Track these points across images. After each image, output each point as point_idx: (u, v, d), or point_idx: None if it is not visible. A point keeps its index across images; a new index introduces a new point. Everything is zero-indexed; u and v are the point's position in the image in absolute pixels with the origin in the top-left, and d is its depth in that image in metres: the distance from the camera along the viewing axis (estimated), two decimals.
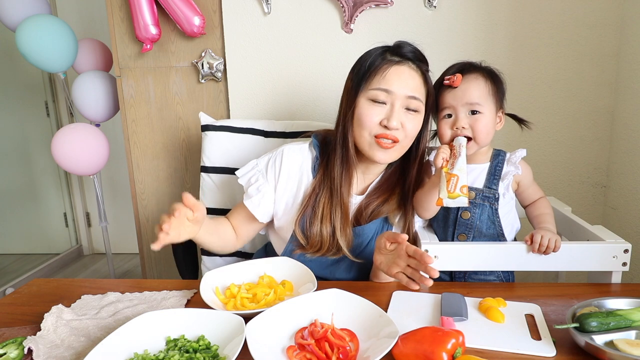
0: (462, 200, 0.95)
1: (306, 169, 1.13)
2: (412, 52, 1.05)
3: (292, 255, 1.11)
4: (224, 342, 0.78)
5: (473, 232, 1.11)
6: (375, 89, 1.02)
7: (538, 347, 0.78)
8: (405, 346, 0.73)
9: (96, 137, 1.97)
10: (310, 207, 1.10)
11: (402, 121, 1.02)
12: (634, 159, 1.47)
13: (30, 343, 0.79)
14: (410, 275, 0.93)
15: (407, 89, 1.01)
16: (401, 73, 1.02)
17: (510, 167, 1.10)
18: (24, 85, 3.14)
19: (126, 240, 3.22)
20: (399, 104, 1.01)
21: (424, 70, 1.06)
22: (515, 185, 1.13)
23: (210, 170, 1.50)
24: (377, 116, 1.02)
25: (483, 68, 1.10)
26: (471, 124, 1.06)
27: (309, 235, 1.09)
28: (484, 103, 1.06)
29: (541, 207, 1.13)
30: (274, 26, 1.64)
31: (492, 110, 1.08)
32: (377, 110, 1.02)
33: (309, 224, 1.09)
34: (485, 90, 1.07)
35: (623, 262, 1.00)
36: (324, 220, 1.08)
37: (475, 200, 1.10)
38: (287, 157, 1.14)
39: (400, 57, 1.04)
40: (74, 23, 2.80)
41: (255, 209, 1.13)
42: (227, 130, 1.49)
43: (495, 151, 1.14)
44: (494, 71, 1.11)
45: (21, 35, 1.82)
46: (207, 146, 1.50)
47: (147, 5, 1.61)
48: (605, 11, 1.52)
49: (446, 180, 0.97)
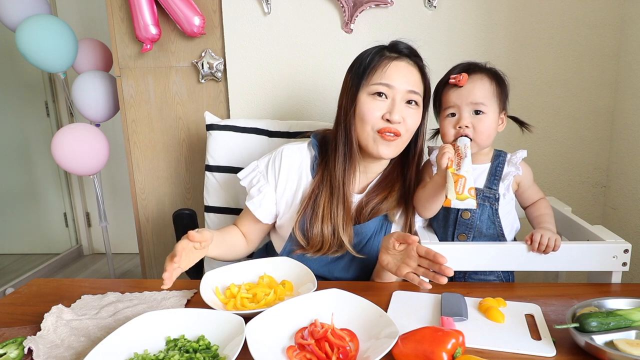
0: (471, 202, 0.94)
1: (305, 169, 1.14)
2: (408, 49, 1.08)
3: (292, 256, 1.12)
4: (224, 342, 0.78)
5: (473, 232, 1.11)
6: (377, 83, 1.04)
7: (538, 347, 0.78)
8: (405, 346, 0.73)
9: (96, 137, 1.97)
10: (310, 208, 1.11)
11: (403, 115, 1.04)
12: (634, 159, 1.47)
13: (30, 343, 0.79)
14: (423, 274, 0.93)
15: (407, 83, 1.04)
16: (401, 68, 1.05)
17: (511, 167, 1.10)
18: (24, 85, 3.14)
19: (126, 240, 3.22)
20: (400, 97, 1.04)
21: (421, 66, 1.09)
22: (515, 186, 1.13)
23: (214, 169, 1.51)
24: (379, 110, 1.04)
25: (488, 69, 1.11)
26: (474, 124, 1.06)
27: (310, 236, 1.10)
28: (488, 103, 1.07)
29: (541, 208, 1.13)
30: (274, 26, 1.64)
31: (495, 112, 1.08)
32: (379, 105, 1.04)
33: (309, 225, 1.10)
34: (490, 90, 1.07)
35: (623, 262, 1.00)
36: (324, 219, 1.09)
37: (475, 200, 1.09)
38: (286, 156, 1.15)
39: (398, 53, 1.07)
40: (74, 23, 2.80)
41: (257, 209, 1.14)
42: (232, 129, 1.51)
43: (497, 152, 1.14)
44: (498, 73, 1.11)
45: (21, 35, 1.82)
46: (212, 145, 1.52)
47: (147, 5, 1.61)
48: (605, 11, 1.52)
49: (454, 181, 0.96)
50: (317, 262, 1.12)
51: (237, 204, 1.52)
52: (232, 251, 1.17)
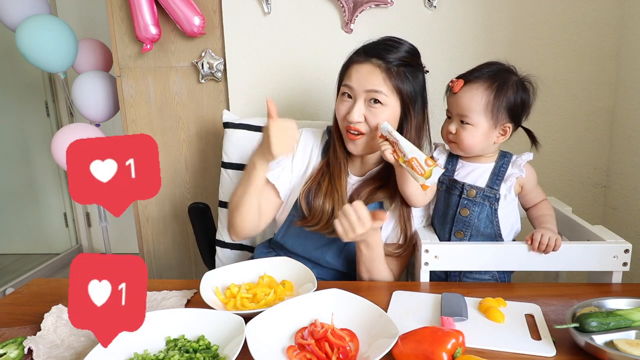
0: (437, 171, 0.96)
1: (317, 150, 1.26)
2: (383, 50, 1.09)
3: (291, 227, 1.19)
4: (224, 342, 0.78)
5: (470, 230, 1.11)
6: (344, 84, 1.13)
7: (538, 347, 0.78)
8: (405, 346, 0.73)
9: (96, 137, 1.97)
10: (316, 182, 1.19)
11: (365, 114, 1.09)
12: (634, 159, 1.46)
13: (30, 343, 0.79)
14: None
15: (366, 83, 1.08)
16: (362, 70, 1.10)
17: (515, 169, 1.10)
18: (24, 85, 3.14)
19: (126, 240, 3.21)
20: (361, 98, 1.09)
21: (391, 66, 1.08)
22: (518, 188, 1.12)
23: (228, 166, 1.54)
24: (345, 110, 1.12)
25: (492, 78, 1.06)
26: (458, 131, 1.08)
27: (312, 206, 1.17)
28: (475, 116, 1.06)
29: (543, 209, 1.13)
30: (274, 26, 1.64)
31: (484, 124, 1.06)
32: (345, 105, 1.12)
33: (313, 197, 1.18)
34: (481, 103, 1.05)
35: (623, 262, 1.00)
36: (326, 196, 1.16)
37: (475, 198, 1.10)
38: (304, 137, 1.27)
39: (366, 55, 1.11)
40: (74, 23, 2.78)
41: (277, 180, 1.21)
42: (246, 128, 1.53)
43: (502, 153, 1.14)
44: (506, 84, 1.05)
45: (21, 35, 1.81)
46: (227, 143, 1.54)
47: (147, 5, 1.61)
48: (605, 11, 1.52)
49: (411, 168, 0.98)
50: (312, 242, 1.18)
51: None
52: (258, 212, 1.18)
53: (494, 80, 1.06)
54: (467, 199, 1.10)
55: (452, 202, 1.12)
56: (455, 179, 1.13)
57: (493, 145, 1.11)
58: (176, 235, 1.88)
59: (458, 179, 1.12)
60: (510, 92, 1.06)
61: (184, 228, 1.87)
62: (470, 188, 1.10)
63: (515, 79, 1.08)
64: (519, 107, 1.08)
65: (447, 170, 1.14)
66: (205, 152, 1.80)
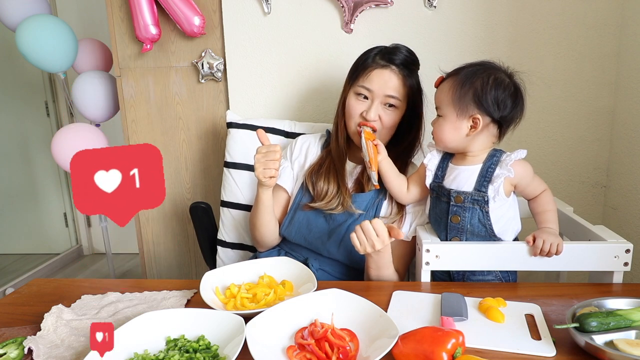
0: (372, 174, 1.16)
1: (315, 147, 1.36)
2: (402, 59, 1.20)
3: (294, 220, 1.26)
4: (224, 342, 0.78)
5: (465, 234, 1.09)
6: (360, 86, 1.21)
7: (538, 347, 0.78)
8: (405, 346, 0.73)
9: (96, 137, 1.97)
10: (319, 164, 1.30)
11: (380, 114, 1.20)
12: (634, 159, 1.46)
13: (30, 343, 0.79)
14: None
15: (386, 89, 1.18)
16: (383, 75, 1.19)
17: (503, 170, 1.05)
18: (24, 85, 3.14)
19: (126, 240, 3.21)
20: (378, 100, 1.19)
21: (405, 74, 1.20)
22: (510, 187, 1.08)
23: (231, 166, 1.55)
24: (360, 109, 1.21)
25: (464, 74, 1.06)
26: (433, 125, 1.12)
27: (316, 184, 1.27)
28: (444, 107, 1.08)
29: (543, 204, 1.09)
30: (274, 26, 1.64)
31: (452, 116, 1.06)
32: (362, 104, 1.21)
33: (316, 178, 1.28)
34: (449, 96, 1.06)
35: (624, 262, 1.00)
36: (330, 178, 1.25)
37: (464, 204, 1.07)
38: (300, 139, 1.39)
39: (387, 61, 1.19)
40: (74, 23, 2.79)
41: (279, 179, 1.30)
42: (250, 128, 1.55)
43: (492, 152, 1.09)
44: (476, 75, 1.05)
45: (21, 35, 1.81)
46: (230, 143, 1.56)
47: (147, 5, 1.61)
48: (605, 11, 1.52)
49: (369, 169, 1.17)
50: (313, 233, 1.24)
51: (254, 201, 1.53)
52: (274, 223, 1.28)
53: (467, 72, 1.06)
54: (457, 206, 1.07)
55: (443, 210, 1.10)
56: (443, 186, 1.10)
57: (473, 142, 1.07)
58: (176, 236, 1.88)
59: (445, 186, 1.10)
60: (479, 82, 1.04)
61: (183, 228, 1.87)
62: (457, 194, 1.07)
63: (494, 73, 1.05)
64: (488, 96, 1.03)
65: (437, 177, 1.13)
66: (205, 152, 1.80)
